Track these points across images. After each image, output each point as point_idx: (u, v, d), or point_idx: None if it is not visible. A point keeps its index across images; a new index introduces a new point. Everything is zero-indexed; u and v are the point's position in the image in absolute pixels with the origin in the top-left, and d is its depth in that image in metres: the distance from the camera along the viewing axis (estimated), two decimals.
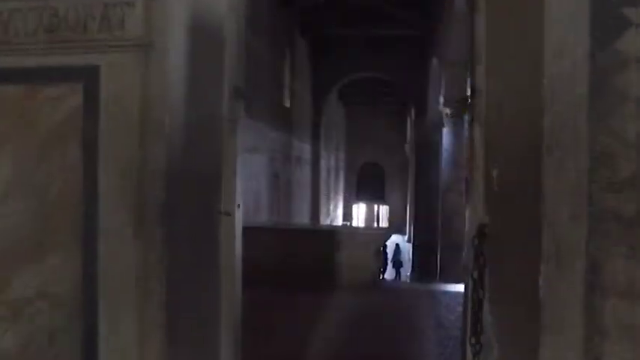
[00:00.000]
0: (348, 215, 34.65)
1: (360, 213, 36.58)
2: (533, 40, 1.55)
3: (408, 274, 19.17)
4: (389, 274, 19.21)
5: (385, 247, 12.16)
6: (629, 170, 1.41)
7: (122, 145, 2.04)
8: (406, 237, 29.48)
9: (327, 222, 24.83)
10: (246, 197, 10.05)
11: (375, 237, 4.82)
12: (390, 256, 19.55)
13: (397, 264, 19.52)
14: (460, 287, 5.63)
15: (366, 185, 35.36)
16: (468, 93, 2.35)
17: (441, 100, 12.97)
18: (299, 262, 4.74)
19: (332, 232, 4.86)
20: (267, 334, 3.81)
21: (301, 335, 3.80)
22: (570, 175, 1.44)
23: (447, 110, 12.71)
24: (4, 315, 2.13)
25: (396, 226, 33.72)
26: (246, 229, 5.23)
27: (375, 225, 35.11)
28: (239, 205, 2.57)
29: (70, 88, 2.12)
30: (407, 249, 22.12)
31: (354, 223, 35.02)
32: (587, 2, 1.43)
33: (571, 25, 1.44)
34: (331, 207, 27.09)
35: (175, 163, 2.02)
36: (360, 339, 3.90)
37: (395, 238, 20.31)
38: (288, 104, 14.43)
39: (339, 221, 31.40)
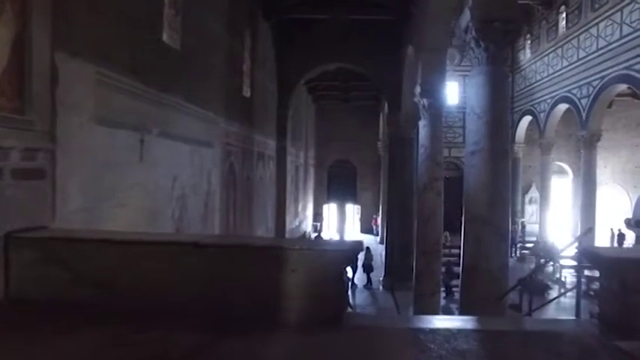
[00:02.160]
0: (318, 216, 33.34)
1: (331, 213, 35.29)
2: None
3: (381, 279, 18.00)
4: (359, 279, 17.99)
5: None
6: None
7: None
8: (378, 238, 28.37)
9: (296, 223, 23.42)
10: (194, 198, 8.53)
11: (338, 255, 3.44)
12: (360, 259, 18.32)
13: (368, 268, 18.23)
14: (451, 322, 4.24)
15: (338, 184, 34.19)
16: None
17: (418, 90, 11.72)
18: (228, 291, 3.35)
19: (276, 248, 3.47)
20: None
21: None
22: None
23: (425, 101, 11.47)
24: None
25: (365, 228, 32.67)
26: (143, 243, 3.64)
27: (344, 230, 33.92)
28: None
29: None
30: (379, 251, 20.93)
31: (325, 225, 33.73)
32: None
33: None
34: (300, 207, 25.65)
35: None
36: None
37: (366, 240, 18.91)
38: (248, 94, 12.95)
39: (308, 222, 30.03)
